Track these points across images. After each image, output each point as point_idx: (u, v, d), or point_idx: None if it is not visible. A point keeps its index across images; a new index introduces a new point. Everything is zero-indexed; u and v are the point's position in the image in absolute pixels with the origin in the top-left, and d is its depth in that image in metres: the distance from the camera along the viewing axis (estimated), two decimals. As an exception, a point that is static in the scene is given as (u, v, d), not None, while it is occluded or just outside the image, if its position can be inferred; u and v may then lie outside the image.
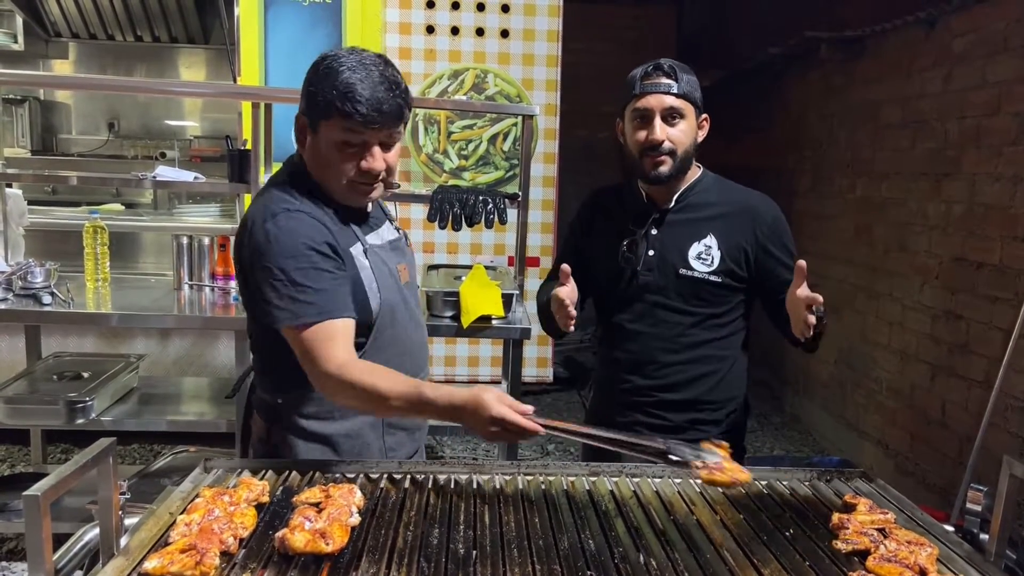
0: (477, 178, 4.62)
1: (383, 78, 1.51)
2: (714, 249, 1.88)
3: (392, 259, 1.71)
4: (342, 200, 1.62)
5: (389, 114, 1.51)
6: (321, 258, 1.52)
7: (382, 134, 1.53)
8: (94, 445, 1.17)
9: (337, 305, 1.51)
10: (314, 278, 1.50)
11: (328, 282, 1.51)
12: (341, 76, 1.48)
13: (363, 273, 1.60)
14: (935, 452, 3.75)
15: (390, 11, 4.44)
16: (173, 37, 5.47)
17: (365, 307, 1.59)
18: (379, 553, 1.24)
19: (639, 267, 1.91)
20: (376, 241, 1.69)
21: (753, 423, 5.34)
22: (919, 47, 3.98)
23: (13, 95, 5.22)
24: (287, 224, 1.53)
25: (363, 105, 1.47)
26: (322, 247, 1.53)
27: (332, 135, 1.52)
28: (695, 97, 1.86)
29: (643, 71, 1.85)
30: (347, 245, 1.59)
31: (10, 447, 4.16)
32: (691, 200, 1.93)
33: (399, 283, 1.71)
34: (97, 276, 3.13)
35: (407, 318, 1.72)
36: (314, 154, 1.58)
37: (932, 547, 1.30)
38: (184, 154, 5.36)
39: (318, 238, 1.53)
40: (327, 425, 1.66)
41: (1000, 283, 3.27)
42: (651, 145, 1.83)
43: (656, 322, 1.93)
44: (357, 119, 1.48)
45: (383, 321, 1.64)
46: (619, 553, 1.28)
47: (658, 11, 7.33)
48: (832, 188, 5.01)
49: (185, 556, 1.15)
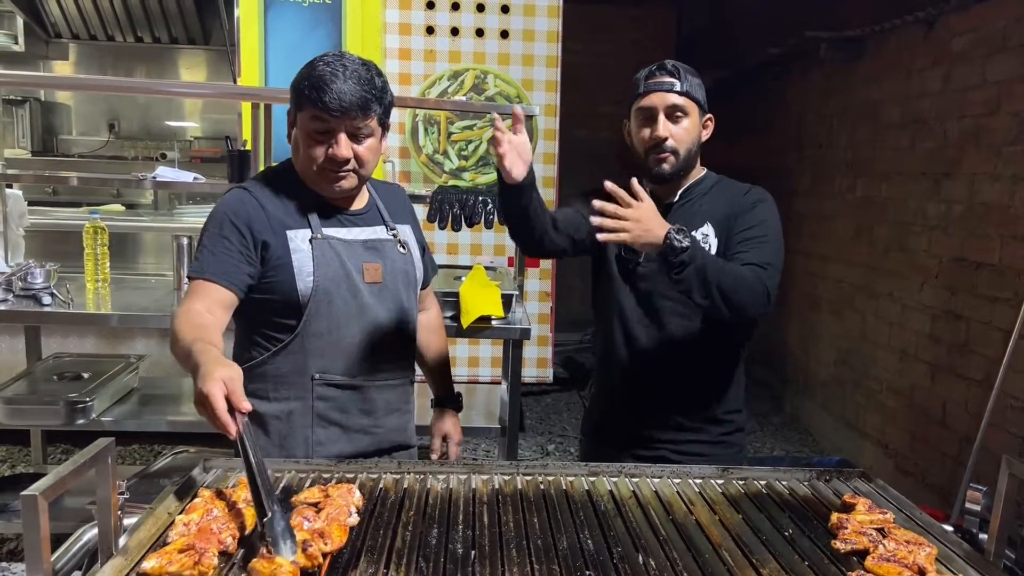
0: (477, 179, 4.62)
1: (356, 75, 1.62)
2: (711, 238, 1.87)
3: (356, 255, 1.74)
4: (316, 188, 1.72)
5: (352, 104, 1.60)
6: (231, 229, 1.65)
7: (347, 123, 1.62)
8: (92, 445, 1.17)
9: (215, 269, 1.63)
10: (214, 243, 1.65)
11: (221, 249, 1.64)
12: (316, 71, 1.62)
13: (295, 256, 1.68)
14: (935, 452, 3.75)
15: (390, 12, 4.44)
16: (173, 38, 5.48)
17: (290, 289, 1.68)
18: (377, 553, 1.24)
19: (640, 259, 1.91)
20: (339, 235, 1.73)
21: (753, 423, 5.34)
22: (919, 47, 3.99)
23: (14, 96, 5.23)
24: (228, 198, 1.72)
25: (328, 95, 1.59)
26: (237, 220, 1.66)
27: (305, 124, 1.65)
28: (698, 97, 1.87)
29: (647, 71, 1.88)
30: (287, 228, 1.69)
31: (10, 448, 4.16)
32: (693, 196, 1.94)
33: (355, 279, 1.72)
34: (97, 277, 3.13)
35: (352, 314, 1.73)
36: (294, 145, 1.71)
37: (931, 547, 1.30)
38: (184, 155, 5.37)
39: (241, 213, 1.67)
40: (260, 404, 1.70)
41: (1000, 283, 3.27)
42: (655, 142, 1.84)
43: (653, 314, 1.92)
44: (320, 107, 1.60)
45: (315, 308, 1.69)
46: (618, 553, 1.28)
47: (658, 12, 7.33)
48: (832, 188, 5.01)
49: (184, 556, 1.15)
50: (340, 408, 1.77)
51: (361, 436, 1.80)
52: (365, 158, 1.68)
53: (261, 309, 1.71)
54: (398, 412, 1.86)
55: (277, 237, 1.68)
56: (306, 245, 1.69)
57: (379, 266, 1.77)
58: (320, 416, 1.75)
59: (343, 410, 1.77)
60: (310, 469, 1.56)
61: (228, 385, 1.29)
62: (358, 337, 1.75)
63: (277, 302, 1.69)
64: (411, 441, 1.93)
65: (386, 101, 1.69)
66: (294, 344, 1.71)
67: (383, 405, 1.82)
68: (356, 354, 1.75)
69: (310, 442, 1.74)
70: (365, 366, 1.77)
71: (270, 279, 1.68)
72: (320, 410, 1.74)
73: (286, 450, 1.73)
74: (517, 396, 2.91)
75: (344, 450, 1.76)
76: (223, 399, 1.27)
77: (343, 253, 1.73)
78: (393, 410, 1.85)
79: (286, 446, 1.74)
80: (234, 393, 1.29)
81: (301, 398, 1.74)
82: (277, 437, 1.74)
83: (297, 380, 1.73)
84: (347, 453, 1.75)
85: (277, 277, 1.68)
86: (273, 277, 1.68)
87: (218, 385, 1.28)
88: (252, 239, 1.66)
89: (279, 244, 1.68)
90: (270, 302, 1.70)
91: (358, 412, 1.78)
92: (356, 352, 1.75)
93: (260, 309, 1.71)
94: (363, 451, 1.79)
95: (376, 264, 1.77)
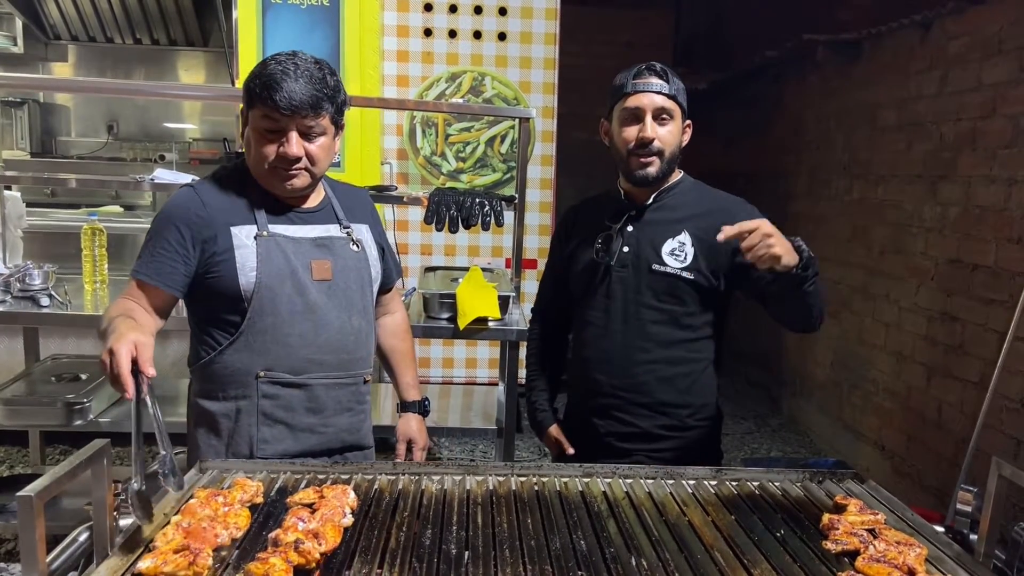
0: (475, 180, 4.63)
1: (307, 74, 1.63)
2: (688, 246, 1.88)
3: (304, 252, 1.73)
4: (266, 186, 1.73)
5: (303, 103, 1.61)
6: (170, 228, 1.68)
7: (298, 122, 1.63)
8: (88, 446, 1.18)
9: (151, 270, 1.67)
10: (154, 243, 1.68)
11: (159, 249, 1.67)
12: (268, 69, 1.63)
13: (238, 252, 1.68)
14: (931, 453, 3.76)
15: (388, 14, 4.45)
16: (172, 40, 5.49)
17: (232, 284, 1.68)
18: (371, 553, 1.25)
19: (613, 262, 1.91)
20: (287, 232, 1.73)
21: (750, 425, 5.34)
22: (915, 50, 4.00)
23: (12, 98, 5.24)
24: (172, 198, 1.75)
25: (278, 93, 1.59)
26: (176, 220, 1.68)
27: (256, 123, 1.66)
28: (682, 101, 1.87)
29: (635, 71, 1.87)
30: (231, 224, 1.70)
31: (8, 448, 4.17)
32: (668, 200, 1.93)
33: (302, 276, 1.72)
34: (95, 278, 3.14)
35: (298, 311, 1.72)
36: (246, 142, 1.73)
37: (921, 547, 1.31)
38: (183, 156, 5.38)
39: (180, 213, 1.69)
40: (211, 404, 1.76)
41: (995, 285, 3.28)
42: (641, 143, 1.84)
43: (627, 318, 1.92)
44: (271, 105, 1.60)
45: (259, 305, 1.69)
46: (610, 554, 1.29)
47: (655, 14, 7.33)
48: (829, 190, 5.03)
49: (179, 556, 1.16)
50: (285, 407, 1.75)
51: (308, 435, 1.78)
52: (317, 156, 1.69)
53: (208, 306, 1.73)
54: (350, 412, 1.84)
55: (221, 234, 1.68)
56: (251, 241, 1.69)
57: (328, 263, 1.76)
58: (265, 414, 1.74)
59: (288, 408, 1.75)
60: (305, 470, 1.57)
61: (138, 348, 1.32)
62: (305, 335, 1.73)
63: (222, 298, 1.70)
64: (365, 442, 1.90)
65: (339, 100, 1.69)
66: (239, 342, 1.71)
67: (332, 404, 1.79)
68: (302, 352, 1.74)
69: (255, 440, 1.73)
70: (312, 364, 1.75)
71: (213, 275, 1.69)
72: (265, 408, 1.73)
73: (233, 449, 1.74)
74: (514, 397, 2.92)
75: (290, 449, 1.75)
76: (129, 359, 1.31)
77: (289, 250, 1.72)
78: (344, 409, 1.82)
79: (232, 444, 1.74)
80: (141, 356, 1.32)
81: (247, 396, 1.73)
82: (226, 435, 1.75)
83: (243, 378, 1.73)
84: (292, 452, 1.75)
85: (219, 272, 1.68)
86: (216, 273, 1.68)
87: (127, 346, 1.32)
88: (190, 238, 1.67)
89: (222, 240, 1.68)
90: (215, 298, 1.71)
91: (304, 411, 1.76)
92: (302, 350, 1.74)
93: (207, 306, 1.73)
94: (311, 450, 1.77)
95: (325, 261, 1.76)
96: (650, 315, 1.90)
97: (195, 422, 1.80)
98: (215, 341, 1.73)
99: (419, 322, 2.81)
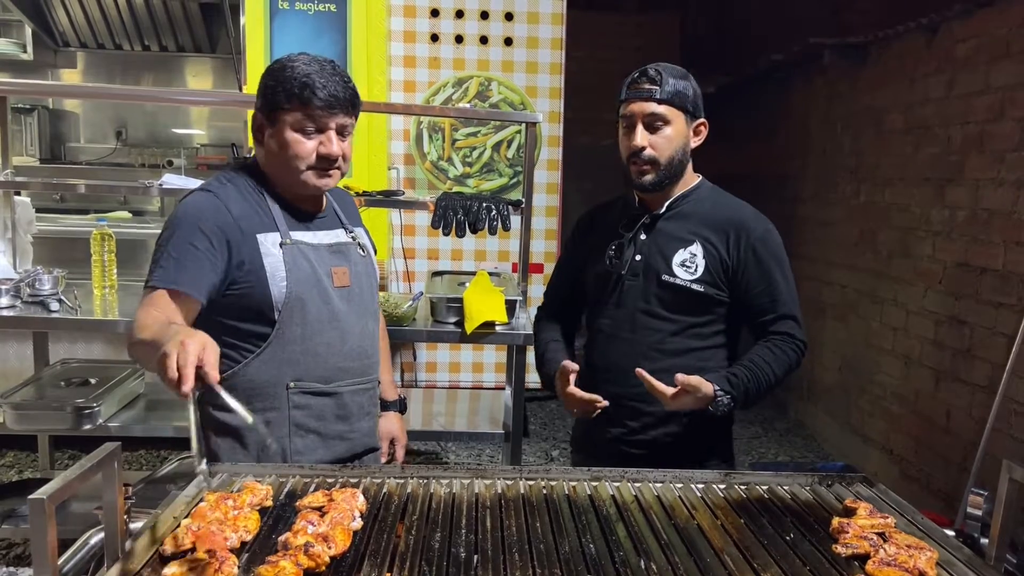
0: (481, 185, 4.64)
1: (336, 72, 1.63)
2: (699, 258, 1.85)
3: (324, 260, 1.72)
4: (299, 189, 1.69)
5: (345, 101, 1.63)
6: (200, 236, 1.58)
7: (338, 120, 1.64)
8: (99, 450, 1.19)
9: (183, 279, 1.56)
10: (180, 250, 1.57)
11: (189, 257, 1.57)
12: (298, 70, 1.61)
13: (267, 260, 1.64)
14: (940, 457, 3.74)
15: (395, 20, 4.47)
16: (180, 46, 5.52)
17: (264, 295, 1.63)
18: (381, 557, 1.25)
19: (624, 271, 1.91)
20: (307, 239, 1.72)
21: (757, 429, 5.33)
22: (922, 53, 3.99)
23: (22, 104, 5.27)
24: (193, 200, 1.65)
25: (321, 91, 1.59)
26: (207, 225, 1.59)
27: (295, 123, 1.62)
28: (683, 102, 1.81)
29: (631, 77, 1.84)
30: (256, 231, 1.64)
31: (18, 453, 4.18)
32: (683, 208, 1.91)
33: (326, 284, 1.71)
34: (104, 283, 3.15)
35: (326, 319, 1.70)
36: (271, 147, 1.67)
37: (932, 551, 1.30)
38: (191, 162, 5.40)
39: (209, 217, 1.60)
40: (234, 417, 1.59)
41: (1003, 288, 3.27)
42: (632, 151, 1.83)
43: (636, 328, 1.91)
44: (316, 104, 1.59)
45: (288, 314, 1.66)
46: (620, 557, 1.28)
47: (661, 18, 7.34)
48: (836, 194, 5.01)
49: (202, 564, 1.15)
50: (317, 416, 1.73)
51: (338, 442, 1.78)
52: (348, 155, 1.70)
53: (230, 318, 1.66)
54: (369, 415, 1.86)
55: (247, 242, 1.63)
56: (276, 250, 1.65)
57: (346, 269, 1.76)
58: (297, 425, 1.72)
59: (320, 417, 1.74)
60: (314, 474, 1.57)
61: (207, 351, 1.24)
62: (332, 343, 1.72)
63: (249, 310, 1.64)
64: (377, 443, 1.93)
65: (359, 99, 1.70)
66: (267, 353, 1.67)
67: (356, 410, 1.80)
68: (331, 360, 1.73)
69: (288, 452, 1.71)
70: (340, 372, 1.75)
71: (242, 285, 1.63)
72: (297, 419, 1.71)
73: (264, 462, 1.68)
74: (521, 402, 2.92)
75: (323, 458, 1.74)
76: (196, 356, 1.22)
77: (312, 257, 1.70)
78: (365, 414, 1.84)
79: (263, 458, 1.69)
80: (207, 362, 1.24)
81: (276, 408, 1.69)
82: (254, 448, 1.70)
83: (271, 390, 1.69)
84: (326, 461, 1.73)
85: (250, 282, 1.63)
86: (246, 283, 1.63)
87: (197, 344, 1.24)
88: (220, 245, 1.60)
89: (250, 249, 1.63)
90: (241, 311, 1.65)
91: (334, 419, 1.76)
92: (331, 358, 1.73)
93: (229, 318, 1.65)
94: (340, 457, 1.77)
95: (344, 268, 1.76)
96: (659, 324, 1.89)
97: (215, 434, 1.72)
98: (237, 354, 1.67)
99: (426, 326, 2.82)
